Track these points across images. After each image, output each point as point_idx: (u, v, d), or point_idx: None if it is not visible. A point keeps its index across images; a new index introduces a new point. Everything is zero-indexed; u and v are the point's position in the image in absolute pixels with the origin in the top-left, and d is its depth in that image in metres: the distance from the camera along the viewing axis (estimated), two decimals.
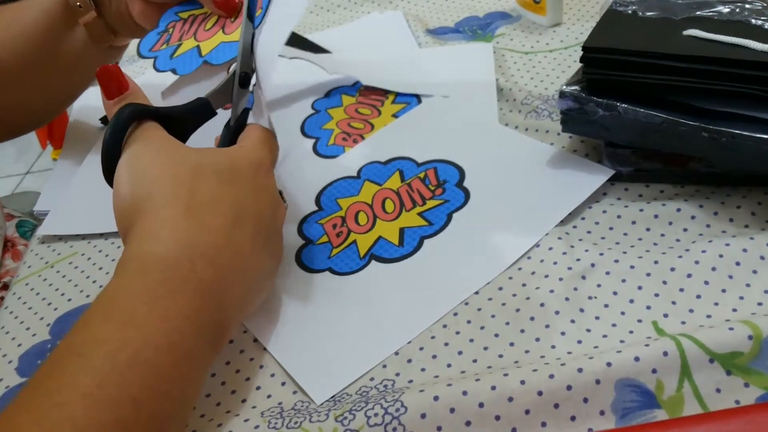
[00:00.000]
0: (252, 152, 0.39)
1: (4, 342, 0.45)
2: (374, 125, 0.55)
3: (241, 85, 0.43)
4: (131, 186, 0.35)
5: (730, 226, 0.41)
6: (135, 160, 0.36)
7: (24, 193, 1.90)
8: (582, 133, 0.45)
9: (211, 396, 0.38)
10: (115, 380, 0.29)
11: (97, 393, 0.28)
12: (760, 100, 0.38)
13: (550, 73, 0.57)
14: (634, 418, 0.33)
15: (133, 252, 0.34)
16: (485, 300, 0.39)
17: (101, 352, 0.30)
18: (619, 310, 0.37)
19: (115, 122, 0.37)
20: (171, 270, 0.33)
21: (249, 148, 0.40)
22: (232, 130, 0.42)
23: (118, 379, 0.29)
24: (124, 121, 0.37)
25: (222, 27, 0.49)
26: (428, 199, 0.47)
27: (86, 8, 0.49)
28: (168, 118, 0.39)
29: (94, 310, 0.32)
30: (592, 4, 0.65)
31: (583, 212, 0.44)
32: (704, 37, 0.41)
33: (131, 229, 0.35)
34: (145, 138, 0.37)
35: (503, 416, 0.33)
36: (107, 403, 0.28)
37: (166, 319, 0.32)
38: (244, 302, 0.37)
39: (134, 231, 0.35)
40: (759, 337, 0.33)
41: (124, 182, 0.36)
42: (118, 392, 0.29)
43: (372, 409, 0.33)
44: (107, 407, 0.28)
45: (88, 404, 0.28)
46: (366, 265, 0.43)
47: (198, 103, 0.41)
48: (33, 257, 0.52)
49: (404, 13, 0.70)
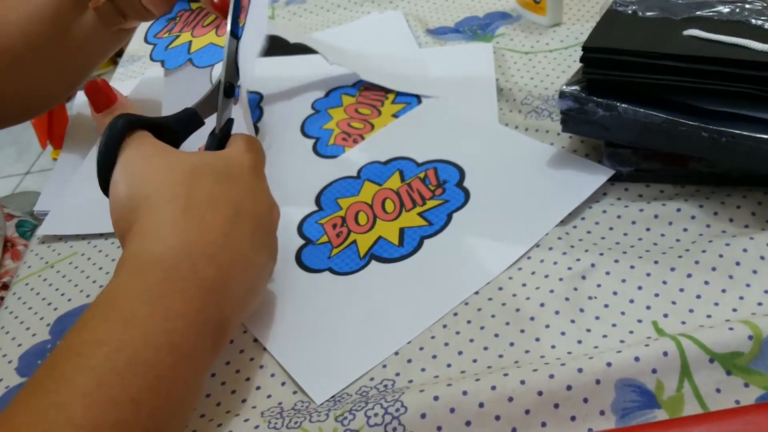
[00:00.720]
0: (243, 154, 0.40)
1: (4, 342, 0.45)
2: (374, 125, 0.55)
3: (226, 94, 0.44)
4: (128, 188, 0.35)
5: (730, 226, 0.41)
6: (131, 165, 0.36)
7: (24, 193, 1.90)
8: (582, 133, 0.45)
9: (211, 396, 0.38)
10: (114, 381, 0.29)
11: (96, 393, 0.28)
12: (760, 100, 0.38)
13: (550, 73, 0.57)
14: (634, 418, 0.33)
15: (132, 252, 0.34)
16: (485, 300, 0.39)
17: (101, 352, 0.30)
18: (619, 310, 0.37)
19: (109, 132, 0.37)
20: (171, 269, 0.33)
21: (242, 150, 0.40)
22: (218, 138, 0.43)
23: (117, 379, 0.29)
24: (119, 131, 0.37)
25: (216, 27, 0.50)
26: (428, 199, 0.47)
27: None
28: (159, 128, 0.39)
29: (94, 310, 0.32)
30: (592, 4, 0.65)
31: (583, 212, 0.44)
32: (704, 37, 0.41)
33: (129, 230, 0.35)
34: (139, 145, 0.37)
35: (503, 416, 0.33)
36: (106, 403, 0.28)
37: (167, 319, 0.31)
38: (244, 301, 0.36)
39: (133, 231, 0.35)
40: (759, 337, 0.33)
41: (120, 186, 0.36)
42: (117, 393, 0.29)
43: (372, 409, 0.33)
44: (106, 408, 0.28)
45: (87, 404, 0.28)
46: (366, 265, 0.43)
47: (186, 113, 0.42)
48: (33, 257, 0.52)
49: (404, 13, 0.70)
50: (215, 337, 0.34)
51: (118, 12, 0.51)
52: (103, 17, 0.51)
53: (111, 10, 0.50)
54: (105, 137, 0.37)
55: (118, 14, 0.51)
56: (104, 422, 0.28)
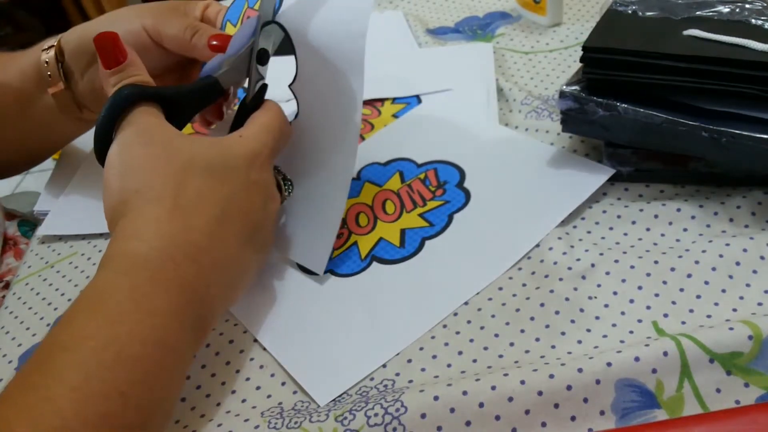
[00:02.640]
0: (251, 142, 0.39)
1: (3, 342, 0.45)
2: (374, 125, 0.55)
3: (259, 61, 0.41)
4: (120, 180, 0.36)
5: (730, 226, 0.41)
6: (125, 152, 0.36)
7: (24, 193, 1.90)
8: (582, 133, 0.45)
9: (210, 396, 0.38)
10: (102, 375, 0.30)
11: (84, 387, 0.29)
12: (760, 100, 0.38)
13: (550, 73, 0.57)
14: (634, 418, 0.33)
15: (118, 249, 0.34)
16: (485, 300, 0.39)
17: (88, 347, 0.30)
18: (619, 310, 0.37)
19: (111, 102, 0.36)
20: (156, 269, 0.33)
21: (249, 137, 0.39)
22: (248, 109, 0.41)
23: (105, 374, 0.30)
24: (120, 102, 0.36)
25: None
26: (429, 200, 0.47)
27: (55, 79, 0.48)
28: (169, 100, 0.38)
29: (80, 305, 0.33)
30: (592, 4, 0.65)
31: (583, 212, 0.44)
32: (704, 37, 0.41)
33: (117, 224, 0.35)
34: (138, 124, 0.36)
35: (503, 416, 0.33)
36: (95, 397, 0.29)
37: (152, 316, 0.32)
38: (226, 295, 0.37)
39: (120, 225, 0.35)
40: (759, 337, 0.33)
41: (113, 175, 0.36)
42: (105, 386, 0.29)
43: (372, 409, 0.33)
44: (95, 401, 0.29)
45: (75, 398, 0.29)
46: (367, 266, 0.43)
47: (205, 82, 0.40)
48: (33, 257, 0.52)
49: (404, 13, 0.70)
50: (197, 330, 0.35)
51: (74, 102, 0.49)
52: (60, 104, 0.49)
53: (68, 99, 0.49)
54: (107, 106, 0.36)
55: (74, 104, 0.49)
56: (93, 415, 0.29)
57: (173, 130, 0.37)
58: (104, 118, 0.36)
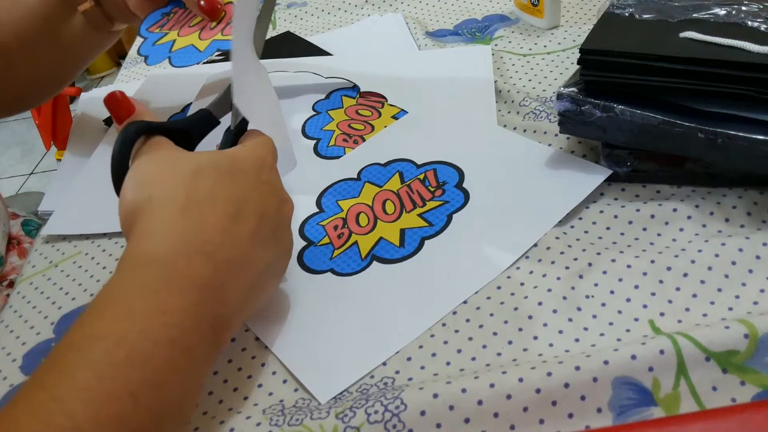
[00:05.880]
0: (255, 149, 0.40)
1: (8, 341, 0.46)
2: (374, 126, 0.55)
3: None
4: (134, 192, 0.36)
5: (725, 225, 0.41)
6: (139, 170, 0.37)
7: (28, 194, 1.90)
8: (579, 134, 0.46)
9: (213, 393, 0.38)
10: (112, 374, 0.29)
11: (95, 387, 0.29)
12: (756, 102, 0.39)
13: (548, 74, 0.57)
14: (630, 416, 0.33)
15: (131, 250, 0.34)
16: (484, 299, 0.40)
17: (99, 347, 0.30)
18: (616, 308, 0.38)
19: (122, 138, 0.39)
20: (168, 266, 0.33)
21: (251, 146, 0.40)
22: (233, 133, 0.43)
23: (115, 373, 0.29)
24: (131, 136, 0.39)
25: (201, 29, 0.51)
26: (428, 200, 0.47)
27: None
28: (174, 132, 0.41)
29: (93, 307, 0.32)
30: (590, 7, 0.65)
31: (580, 212, 0.44)
32: (701, 39, 0.41)
33: (132, 229, 0.36)
34: (150, 150, 0.38)
35: (502, 413, 0.33)
36: (105, 397, 0.29)
37: (163, 314, 0.32)
38: (246, 298, 0.37)
39: (134, 230, 0.35)
40: (755, 336, 0.33)
41: (128, 190, 0.37)
42: (116, 386, 0.29)
43: (372, 406, 0.34)
44: (105, 401, 0.29)
45: (85, 398, 0.28)
46: (367, 266, 0.44)
47: (201, 114, 0.43)
48: (37, 257, 0.52)
49: (404, 16, 0.70)
50: (215, 333, 0.34)
51: (105, 16, 0.53)
52: (91, 21, 0.53)
53: (98, 14, 0.53)
54: (117, 142, 0.39)
55: (104, 18, 0.53)
56: (103, 415, 0.28)
57: (182, 149, 0.39)
58: (118, 152, 0.38)
